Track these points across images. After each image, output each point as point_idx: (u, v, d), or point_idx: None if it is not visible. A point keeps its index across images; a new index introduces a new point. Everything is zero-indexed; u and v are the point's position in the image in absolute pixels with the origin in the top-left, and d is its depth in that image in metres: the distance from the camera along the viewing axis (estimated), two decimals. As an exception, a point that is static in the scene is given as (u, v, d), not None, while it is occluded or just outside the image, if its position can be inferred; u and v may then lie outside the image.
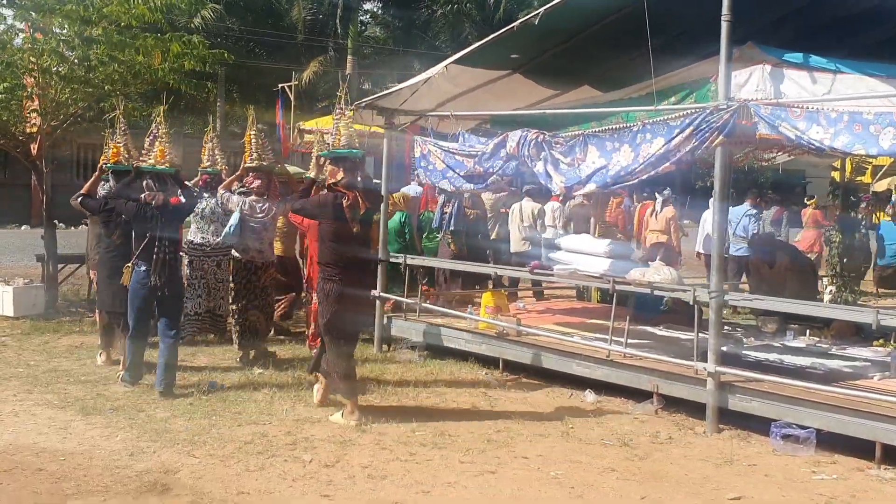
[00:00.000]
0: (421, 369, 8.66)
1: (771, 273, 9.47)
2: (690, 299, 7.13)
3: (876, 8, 7.22)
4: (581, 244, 9.34)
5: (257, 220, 8.86)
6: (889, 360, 7.57)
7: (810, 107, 6.25)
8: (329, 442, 6.20)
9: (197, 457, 5.83)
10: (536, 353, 8.33)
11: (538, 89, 9.44)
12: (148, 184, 7.64)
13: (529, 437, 6.51)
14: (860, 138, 5.97)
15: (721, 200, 6.95)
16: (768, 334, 9.20)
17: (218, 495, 5.16)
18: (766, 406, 6.58)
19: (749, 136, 6.69)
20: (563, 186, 7.76)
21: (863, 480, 5.77)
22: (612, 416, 7.19)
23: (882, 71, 6.48)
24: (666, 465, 5.98)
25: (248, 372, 8.35)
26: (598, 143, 7.50)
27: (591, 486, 5.53)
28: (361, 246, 6.92)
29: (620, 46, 8.09)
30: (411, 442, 6.27)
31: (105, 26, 10.75)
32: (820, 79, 6.66)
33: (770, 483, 5.69)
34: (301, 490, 5.29)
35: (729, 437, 6.64)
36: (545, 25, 7.69)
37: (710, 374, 6.76)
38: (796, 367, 7.44)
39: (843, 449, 6.21)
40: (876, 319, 6.19)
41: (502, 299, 9.79)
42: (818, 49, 6.88)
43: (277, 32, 36.52)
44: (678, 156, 6.84)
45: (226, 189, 8.94)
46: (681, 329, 8.85)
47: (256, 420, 6.71)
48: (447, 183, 9.08)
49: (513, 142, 8.12)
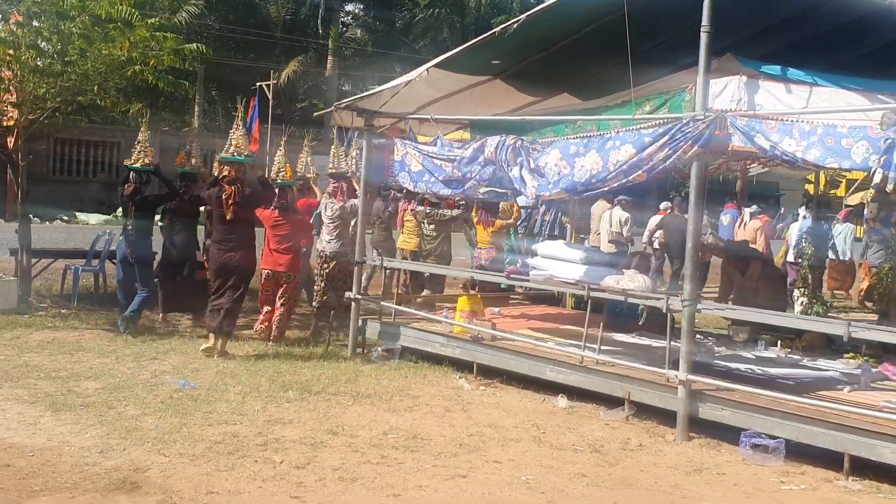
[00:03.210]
0: (395, 372, 8.66)
1: (742, 280, 9.53)
2: (663, 307, 7.18)
3: (855, 23, 7.31)
4: (557, 251, 9.37)
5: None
6: (859, 373, 7.65)
7: (785, 119, 6.32)
8: (300, 443, 6.18)
9: (167, 455, 5.79)
10: (510, 358, 8.36)
11: (518, 95, 9.49)
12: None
13: (501, 442, 6.52)
14: (832, 151, 6.03)
15: (696, 209, 6.99)
16: (740, 344, 9.27)
17: (187, 494, 5.13)
18: (737, 415, 6.64)
19: (723, 146, 6.74)
20: (535, 193, 7.80)
21: (831, 491, 5.83)
22: (583, 422, 7.22)
23: (859, 85, 6.56)
24: (636, 472, 6.02)
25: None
26: (564, 147, 7.56)
27: (562, 491, 5.55)
28: (236, 228, 9.19)
29: (600, 55, 8.15)
30: (383, 445, 6.26)
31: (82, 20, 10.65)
32: (796, 91, 6.73)
33: (739, 492, 5.73)
34: (271, 491, 5.27)
35: (699, 446, 6.69)
36: (526, 32, 7.74)
37: (682, 382, 6.81)
38: (767, 378, 7.51)
39: (811, 460, 6.27)
40: (847, 332, 6.26)
41: (478, 304, 9.81)
42: (798, 62, 6.96)
43: (258, 31, 36.42)
44: (651, 164, 6.89)
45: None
46: (654, 337, 8.91)
47: (227, 420, 6.68)
48: (423, 186, 9.09)
49: (491, 147, 8.14)
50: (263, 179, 10.03)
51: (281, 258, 9.87)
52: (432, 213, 11.73)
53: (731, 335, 9.69)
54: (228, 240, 9.22)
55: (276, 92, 29.07)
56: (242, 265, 9.28)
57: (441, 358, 9.01)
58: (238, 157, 9.34)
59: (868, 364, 7.94)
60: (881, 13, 6.46)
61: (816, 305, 11.42)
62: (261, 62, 34.33)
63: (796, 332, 8.88)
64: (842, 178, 15.94)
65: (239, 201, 9.11)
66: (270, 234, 9.91)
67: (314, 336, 10.36)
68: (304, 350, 9.57)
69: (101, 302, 11.80)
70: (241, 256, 9.25)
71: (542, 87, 9.26)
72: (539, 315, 10.86)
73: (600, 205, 14.95)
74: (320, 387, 7.85)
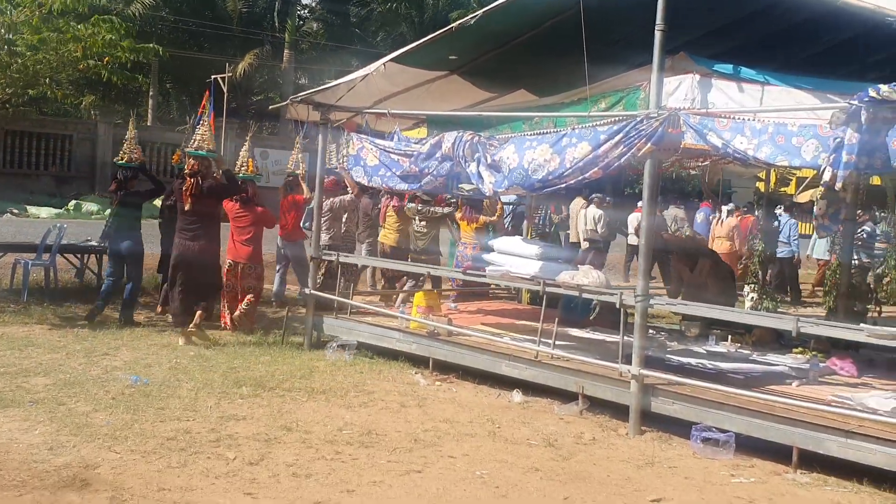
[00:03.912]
0: (350, 368, 8.64)
1: (690, 276, 9.66)
2: (617, 302, 7.25)
3: (807, 23, 7.43)
4: (513, 246, 9.41)
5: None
6: (807, 368, 7.80)
7: (737, 117, 6.41)
8: (253, 439, 6.14)
9: (118, 452, 5.72)
10: (466, 353, 8.38)
11: (475, 91, 9.49)
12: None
13: (456, 437, 6.54)
14: (782, 150, 6.13)
15: (650, 207, 7.07)
16: (691, 339, 9.40)
17: (138, 491, 5.07)
18: (688, 409, 6.73)
19: (676, 144, 6.81)
20: (493, 189, 7.83)
21: (780, 484, 5.93)
22: (538, 417, 7.27)
23: (810, 84, 6.66)
24: (589, 465, 6.08)
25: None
26: (519, 143, 7.60)
27: (516, 485, 5.58)
28: (196, 220, 9.49)
29: (557, 52, 8.17)
30: (337, 441, 6.24)
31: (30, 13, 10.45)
32: (748, 90, 6.81)
33: (690, 485, 5.81)
34: (223, 487, 5.23)
35: (651, 439, 6.78)
36: (483, 28, 7.75)
37: (634, 377, 6.89)
38: (718, 372, 7.62)
39: (761, 453, 6.38)
40: (796, 327, 6.37)
41: (434, 299, 9.83)
42: (750, 61, 7.05)
43: (213, 24, 36.00)
44: (606, 161, 6.95)
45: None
46: (607, 332, 8.99)
47: (180, 416, 6.61)
48: (379, 180, 9.07)
49: (448, 142, 8.15)
50: (229, 173, 10.14)
51: (242, 250, 10.43)
52: (424, 210, 11.87)
53: (683, 330, 9.82)
54: (188, 230, 9.52)
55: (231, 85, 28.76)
56: (200, 256, 9.47)
57: (397, 353, 9.00)
58: (200, 151, 9.62)
59: (816, 359, 8.11)
60: (832, 13, 6.56)
61: (766, 301, 11.63)
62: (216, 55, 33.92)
63: (746, 327, 9.03)
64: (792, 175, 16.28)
65: (196, 193, 9.41)
66: (232, 226, 10.41)
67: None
68: (260, 346, 9.50)
69: (52, 297, 11.60)
70: (200, 247, 9.48)
71: (499, 83, 9.28)
72: (495, 310, 10.91)
73: (577, 202, 15.19)
74: (274, 383, 7.81)
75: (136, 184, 10.81)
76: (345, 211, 11.42)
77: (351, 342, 9.20)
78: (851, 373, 7.82)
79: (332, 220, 11.49)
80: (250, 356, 8.89)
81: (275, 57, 37.83)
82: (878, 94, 5.59)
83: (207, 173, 9.66)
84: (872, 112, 5.61)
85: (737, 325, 9.00)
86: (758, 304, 11.49)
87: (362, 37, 39.36)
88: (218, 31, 36.31)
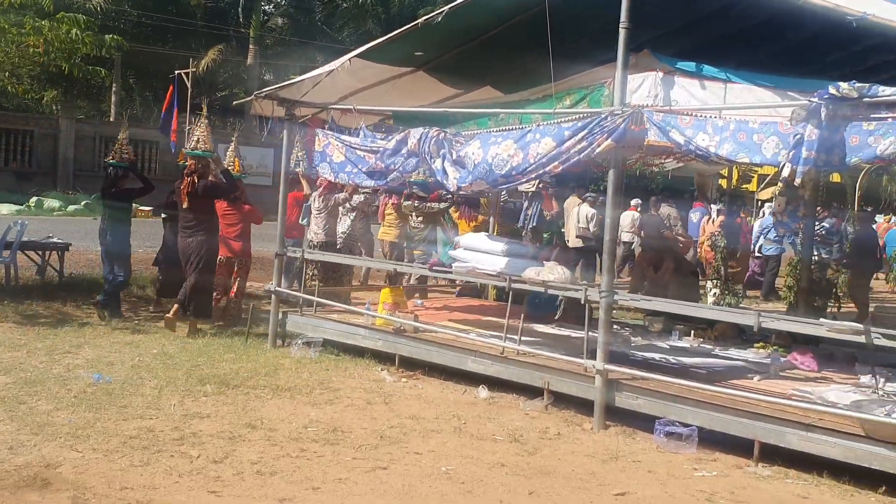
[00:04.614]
0: (315, 365, 8.59)
1: (654, 277, 9.76)
2: (582, 298, 7.29)
3: (768, 22, 7.52)
4: (479, 243, 9.43)
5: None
6: (769, 362, 7.91)
7: (699, 114, 6.47)
8: (218, 437, 6.10)
9: (80, 451, 5.65)
10: (432, 350, 8.38)
11: (441, 88, 9.50)
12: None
13: (422, 433, 6.54)
14: (744, 147, 6.20)
15: (613, 203, 7.12)
16: (655, 334, 9.48)
17: (101, 490, 5.01)
18: (651, 404, 6.79)
19: (639, 141, 6.87)
20: (456, 184, 7.85)
21: (742, 477, 6.00)
22: (504, 412, 7.29)
23: (771, 82, 6.74)
24: (554, 460, 6.11)
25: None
26: (484, 139, 7.62)
27: (481, 481, 5.60)
28: (194, 216, 9.92)
29: (522, 49, 8.21)
30: (303, 438, 6.22)
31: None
32: (711, 87, 6.89)
33: (653, 479, 5.86)
34: (187, 486, 5.19)
35: (615, 434, 6.83)
36: (449, 24, 7.75)
37: (599, 372, 6.94)
38: (680, 367, 7.69)
39: (723, 447, 6.45)
40: (757, 322, 6.45)
41: (401, 296, 9.82)
42: (713, 59, 7.12)
43: (177, 18, 35.62)
44: (568, 157, 6.99)
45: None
46: (573, 327, 9.04)
47: (143, 414, 6.55)
48: (345, 177, 9.04)
49: (414, 139, 8.15)
50: (228, 173, 10.41)
51: (232, 245, 10.73)
52: (420, 207, 12.33)
53: (647, 326, 9.90)
54: (187, 227, 10.01)
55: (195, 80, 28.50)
56: (200, 248, 9.95)
57: (363, 350, 8.98)
58: (196, 151, 10.06)
59: (777, 353, 8.22)
60: (793, 12, 6.65)
61: (728, 296, 11.76)
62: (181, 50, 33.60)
63: (709, 322, 9.13)
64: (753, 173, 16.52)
65: (192, 191, 9.88)
66: (221, 223, 10.58)
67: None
68: (224, 343, 9.43)
69: (13, 294, 11.42)
70: (198, 241, 9.96)
71: (465, 79, 9.29)
72: (461, 307, 10.92)
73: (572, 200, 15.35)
74: (239, 380, 7.75)
75: (126, 182, 11.10)
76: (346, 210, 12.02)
77: (316, 339, 9.16)
78: (812, 367, 7.93)
79: (328, 217, 11.88)
80: (214, 354, 8.82)
81: (239, 52, 37.56)
82: (837, 92, 5.69)
83: (205, 173, 10.09)
84: (832, 109, 5.70)
85: (699, 321, 9.10)
86: (720, 300, 11.62)
87: (328, 32, 39.20)
88: (182, 26, 35.95)
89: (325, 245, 11.70)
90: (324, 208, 11.79)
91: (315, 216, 11.88)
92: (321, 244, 11.69)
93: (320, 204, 11.78)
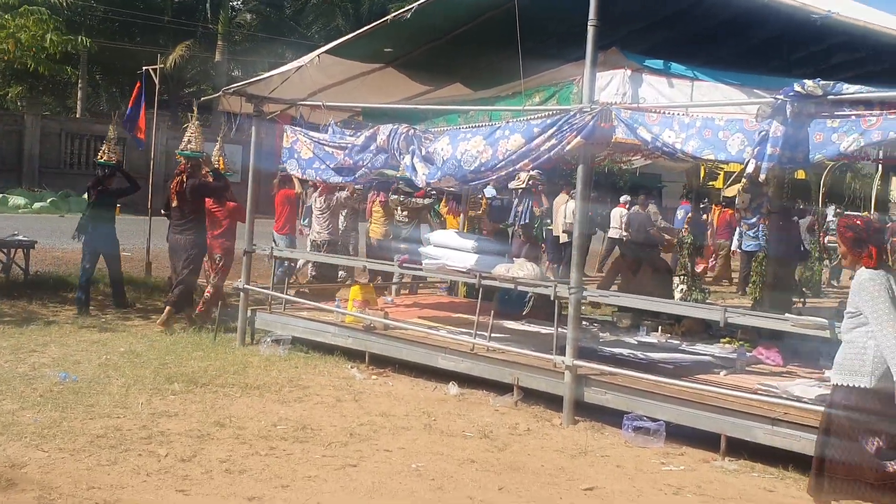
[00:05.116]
0: (285, 363, 8.56)
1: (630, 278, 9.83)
2: (551, 295, 7.32)
3: (735, 20, 7.59)
4: (449, 239, 9.44)
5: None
6: (735, 357, 7.98)
7: (666, 111, 6.52)
8: (186, 436, 6.06)
9: (46, 451, 5.59)
10: (402, 347, 8.38)
11: (411, 84, 9.48)
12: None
13: (392, 430, 6.54)
14: (709, 143, 6.26)
15: (582, 200, 7.15)
16: (623, 330, 9.54)
17: (67, 490, 4.96)
18: (620, 399, 6.84)
19: (607, 138, 6.90)
20: (425, 180, 7.84)
21: (709, 471, 6.06)
22: (474, 409, 7.31)
23: (737, 80, 6.80)
24: (523, 456, 6.13)
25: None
26: (453, 136, 7.63)
27: (451, 477, 5.61)
28: (183, 214, 10.10)
29: (492, 46, 8.22)
30: (272, 436, 6.19)
31: None
32: (678, 85, 6.93)
33: (622, 474, 5.91)
34: (155, 485, 5.15)
35: (584, 429, 6.87)
36: (418, 21, 7.74)
37: (568, 368, 6.98)
38: (648, 362, 7.75)
39: (690, 441, 6.51)
40: (723, 317, 6.52)
41: (370, 293, 9.80)
42: (680, 57, 7.18)
43: (144, 14, 35.23)
44: (538, 154, 7.02)
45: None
46: (543, 324, 9.08)
47: (110, 413, 6.49)
48: (313, 173, 9.01)
49: (383, 135, 8.13)
50: (218, 172, 10.62)
51: (215, 242, 10.69)
52: (405, 202, 12.75)
53: (615, 321, 9.96)
54: (177, 224, 10.24)
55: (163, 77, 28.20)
56: (189, 244, 10.14)
57: (333, 348, 8.96)
58: (185, 151, 10.24)
59: (743, 348, 8.30)
60: (759, 11, 6.72)
61: (695, 292, 11.86)
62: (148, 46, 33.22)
63: (676, 317, 9.21)
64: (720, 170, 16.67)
65: (180, 190, 10.08)
66: (207, 220, 10.62)
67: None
68: (192, 341, 9.36)
69: (-25, 293, 11.27)
70: (187, 238, 10.15)
71: (434, 76, 9.28)
72: (432, 304, 10.93)
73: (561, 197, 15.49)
74: (207, 378, 7.70)
75: (113, 182, 11.42)
76: (341, 207, 12.29)
77: (285, 337, 9.12)
78: (777, 362, 8.02)
79: (331, 217, 12.21)
80: (182, 352, 8.76)
81: (207, 49, 37.24)
82: (802, 89, 5.75)
83: (195, 172, 10.25)
84: (797, 106, 5.77)
85: (667, 316, 9.17)
86: (687, 296, 11.71)
87: (297, 28, 38.99)
88: (149, 22, 35.57)
89: (328, 243, 12.02)
90: (326, 208, 12.07)
91: (317, 216, 12.17)
92: (324, 243, 12.00)
93: (322, 204, 12.04)
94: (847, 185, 29.07)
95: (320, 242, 12.09)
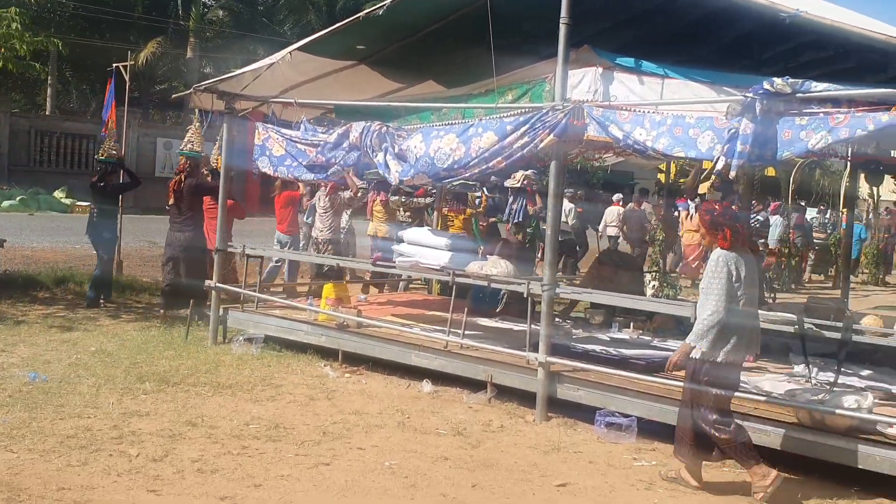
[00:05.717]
0: (257, 362, 8.52)
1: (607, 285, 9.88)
2: (525, 292, 7.34)
3: (705, 19, 7.64)
4: (423, 237, 9.44)
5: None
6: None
7: (638, 109, 6.56)
8: (157, 436, 6.02)
9: (15, 451, 5.53)
10: (376, 345, 8.37)
11: (383, 81, 9.47)
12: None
13: (366, 429, 6.54)
14: (680, 141, 6.30)
15: (555, 197, 7.18)
16: (596, 326, 9.59)
17: (36, 492, 4.91)
18: (592, 395, 6.88)
19: (579, 136, 6.93)
20: (398, 177, 7.84)
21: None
22: (447, 406, 7.32)
23: (708, 77, 6.85)
24: (497, 452, 6.15)
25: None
26: (426, 133, 7.64)
27: (425, 474, 5.62)
28: (182, 212, 10.37)
29: (464, 43, 8.22)
30: (244, 435, 6.17)
31: None
32: (649, 83, 6.97)
33: (594, 469, 5.95)
34: (126, 485, 5.11)
35: (557, 425, 6.90)
36: (391, 18, 7.72)
37: (541, 364, 7.00)
38: (621, 358, 7.79)
39: (662, 436, 6.54)
40: (694, 313, 6.53)
41: (344, 291, 9.78)
42: (651, 55, 7.22)
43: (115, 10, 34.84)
44: (510, 152, 7.04)
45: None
46: (516, 321, 9.10)
47: (80, 413, 6.43)
48: (285, 170, 8.96)
49: (356, 132, 8.11)
50: (215, 171, 10.62)
51: (212, 238, 10.54)
52: (407, 202, 13.00)
53: (588, 318, 10.01)
54: (176, 222, 10.49)
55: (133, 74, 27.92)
56: (187, 243, 10.32)
57: (306, 346, 8.93)
58: (183, 151, 10.59)
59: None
60: (729, 9, 6.77)
61: (667, 288, 11.95)
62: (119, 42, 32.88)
63: (648, 314, 9.26)
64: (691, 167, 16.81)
65: (178, 189, 10.36)
66: (206, 218, 10.80)
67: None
68: (164, 340, 9.29)
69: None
70: (185, 237, 10.36)
71: (407, 73, 9.27)
72: (405, 301, 10.92)
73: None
74: (179, 378, 7.65)
75: (114, 178, 11.88)
76: (345, 206, 12.37)
77: (258, 335, 9.08)
78: (748, 357, 8.07)
79: (334, 216, 12.30)
80: (154, 351, 8.69)
81: (179, 45, 36.92)
82: (772, 87, 5.81)
83: (194, 172, 10.55)
84: (767, 104, 5.82)
85: (639, 313, 9.22)
86: (659, 292, 11.80)
87: (269, 25, 38.76)
88: (120, 18, 35.18)
89: (331, 242, 12.12)
90: (330, 207, 12.17)
91: (321, 215, 12.25)
92: (326, 241, 12.09)
93: (326, 203, 12.15)
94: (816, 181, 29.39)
95: (322, 241, 12.14)
